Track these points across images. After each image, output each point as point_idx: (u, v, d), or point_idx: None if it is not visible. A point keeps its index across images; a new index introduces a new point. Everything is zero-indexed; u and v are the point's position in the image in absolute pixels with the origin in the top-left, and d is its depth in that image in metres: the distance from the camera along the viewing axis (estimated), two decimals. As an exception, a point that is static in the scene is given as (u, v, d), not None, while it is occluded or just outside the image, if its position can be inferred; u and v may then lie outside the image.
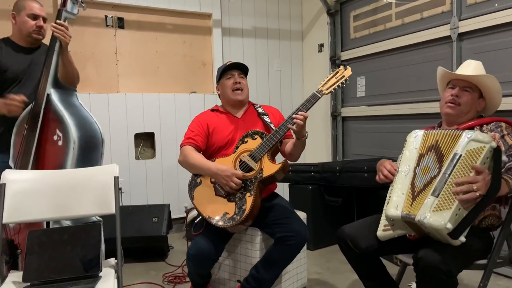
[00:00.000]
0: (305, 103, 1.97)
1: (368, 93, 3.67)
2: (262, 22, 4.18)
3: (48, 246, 1.63)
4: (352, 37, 3.82)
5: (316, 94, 1.99)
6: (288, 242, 1.95)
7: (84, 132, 2.03)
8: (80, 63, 3.39)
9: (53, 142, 2.01)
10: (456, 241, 1.41)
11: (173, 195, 3.66)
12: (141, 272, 2.80)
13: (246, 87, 2.22)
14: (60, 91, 2.10)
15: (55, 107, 2.03)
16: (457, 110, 1.70)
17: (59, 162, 1.98)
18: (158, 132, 3.66)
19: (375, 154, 3.55)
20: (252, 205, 1.92)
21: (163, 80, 3.75)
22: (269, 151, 1.99)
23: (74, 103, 2.14)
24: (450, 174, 1.43)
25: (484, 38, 2.68)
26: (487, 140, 1.42)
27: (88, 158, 2.02)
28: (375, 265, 1.77)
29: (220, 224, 1.96)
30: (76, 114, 2.06)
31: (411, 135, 1.68)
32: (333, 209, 3.19)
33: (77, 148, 1.96)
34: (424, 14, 3.09)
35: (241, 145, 2.06)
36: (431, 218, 1.40)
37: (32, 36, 2.18)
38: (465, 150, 1.43)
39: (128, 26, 3.57)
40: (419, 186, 1.51)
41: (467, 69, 1.73)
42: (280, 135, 1.99)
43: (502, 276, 2.52)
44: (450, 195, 1.40)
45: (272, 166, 1.97)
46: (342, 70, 2.04)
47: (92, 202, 1.75)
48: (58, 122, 2.01)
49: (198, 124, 2.17)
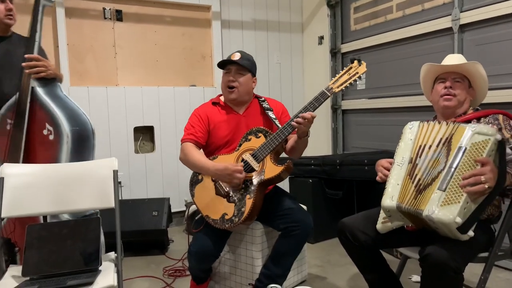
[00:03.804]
0: (313, 102, 1.86)
1: (369, 86, 3.65)
2: (261, 14, 4.15)
3: (48, 240, 1.62)
4: (353, 29, 3.78)
5: (326, 92, 1.87)
6: (293, 233, 1.93)
7: (75, 125, 1.96)
8: (78, 56, 3.38)
9: (43, 136, 1.94)
10: (465, 236, 1.39)
11: (173, 188, 3.65)
12: (141, 265, 2.80)
13: (243, 85, 2.06)
14: (44, 83, 2.00)
15: (41, 100, 1.95)
16: (455, 102, 1.70)
17: (53, 157, 1.93)
18: (158, 126, 3.65)
19: (376, 147, 3.54)
20: (251, 208, 1.89)
21: (162, 73, 3.73)
22: (273, 151, 1.91)
23: (59, 95, 2.05)
24: (456, 168, 1.40)
25: (486, 29, 2.66)
26: (491, 132, 1.40)
27: (82, 151, 1.97)
28: (375, 258, 1.76)
29: (218, 225, 1.94)
30: (64, 106, 1.99)
31: (406, 126, 1.67)
32: (334, 202, 3.19)
33: (71, 142, 1.91)
34: (425, 5, 3.06)
35: (244, 143, 2.00)
36: (440, 213, 1.37)
37: (4, 22, 2.01)
38: (470, 143, 1.41)
39: (126, 18, 3.54)
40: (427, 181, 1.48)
41: (452, 62, 1.74)
42: (284, 135, 1.89)
43: (502, 269, 2.52)
44: (458, 189, 1.37)
45: (274, 168, 1.90)
46: (356, 66, 1.91)
47: (92, 196, 1.74)
48: (46, 115, 1.94)
49: (199, 119, 2.09)
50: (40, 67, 1.95)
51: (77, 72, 3.39)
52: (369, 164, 2.85)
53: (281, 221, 1.96)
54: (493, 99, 2.54)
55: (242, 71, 2.08)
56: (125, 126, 3.51)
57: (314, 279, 2.51)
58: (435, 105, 1.80)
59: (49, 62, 2.03)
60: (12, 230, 1.89)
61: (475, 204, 1.39)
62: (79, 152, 1.96)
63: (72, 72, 3.35)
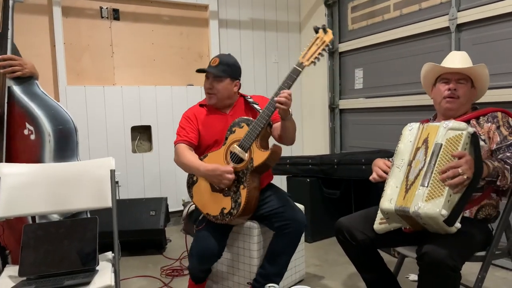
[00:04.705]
0: (286, 80, 1.88)
1: (366, 85, 3.65)
2: (259, 13, 4.14)
3: (45, 240, 1.62)
4: (350, 28, 3.79)
5: (297, 68, 1.87)
6: (286, 231, 1.96)
7: (57, 123, 1.92)
8: (75, 55, 3.37)
9: (24, 137, 1.89)
10: (453, 228, 1.41)
11: (171, 188, 3.65)
12: (138, 265, 2.79)
13: (221, 91, 2.06)
14: (20, 82, 1.94)
15: (19, 100, 1.90)
16: (457, 104, 1.70)
17: (36, 157, 1.88)
18: (155, 125, 3.64)
19: (373, 146, 3.54)
20: (247, 197, 1.90)
21: (160, 72, 3.72)
22: (257, 137, 1.92)
23: (37, 93, 1.99)
24: (435, 164, 1.45)
25: (483, 29, 2.66)
26: (463, 126, 1.45)
27: (64, 149, 1.94)
28: (372, 257, 1.77)
29: (219, 221, 1.96)
30: (43, 104, 1.94)
31: (406, 128, 1.66)
32: (331, 201, 3.19)
33: (53, 141, 1.88)
34: (422, 5, 3.06)
35: (229, 136, 2.02)
36: (425, 207, 1.40)
37: None
38: (445, 139, 1.46)
39: (123, 17, 3.53)
40: (411, 179, 1.51)
41: (455, 61, 1.73)
42: (265, 119, 1.90)
43: (499, 268, 2.53)
44: (439, 183, 1.41)
45: (261, 154, 1.91)
46: (322, 35, 1.85)
47: (89, 195, 1.74)
48: (25, 115, 1.89)
49: (188, 120, 2.13)
50: (15, 66, 1.91)
51: (74, 71, 3.38)
52: (366, 164, 2.85)
53: (274, 220, 1.99)
54: (491, 98, 2.53)
55: (219, 78, 2.07)
56: (122, 125, 3.50)
57: (311, 278, 2.51)
58: (437, 105, 1.79)
59: (24, 60, 1.96)
60: (1, 233, 1.86)
61: (458, 196, 1.42)
62: (62, 150, 1.92)
63: (69, 71, 3.34)
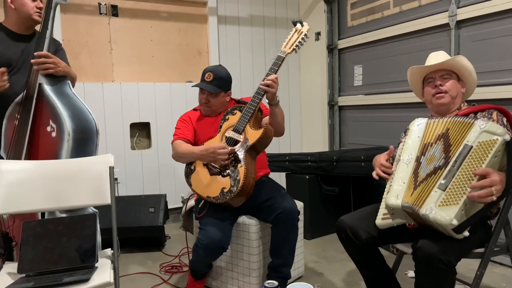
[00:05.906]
0: (272, 67, 2.06)
1: (365, 82, 3.65)
2: (258, 10, 4.13)
3: (44, 237, 1.62)
4: (350, 25, 3.78)
5: (280, 55, 2.08)
6: (280, 221, 2.02)
7: (79, 124, 1.98)
8: (74, 52, 3.35)
9: (47, 133, 1.96)
10: (460, 236, 1.38)
11: (170, 185, 3.65)
12: (138, 262, 2.79)
13: (215, 104, 2.20)
14: (52, 80, 2.02)
15: (47, 97, 1.97)
16: (448, 98, 1.71)
17: (53, 154, 1.94)
18: (154, 122, 3.63)
19: (372, 143, 3.55)
20: (245, 174, 1.96)
21: (159, 69, 3.71)
22: (250, 120, 2.04)
23: (67, 93, 2.07)
24: (459, 168, 1.36)
25: (483, 25, 2.66)
26: (500, 132, 1.32)
27: (83, 150, 1.98)
28: (373, 255, 1.76)
29: (220, 200, 1.99)
30: (69, 104, 2.01)
31: (413, 123, 1.65)
32: (330, 198, 3.19)
33: (72, 140, 1.91)
34: (422, 1, 3.05)
35: (223, 124, 2.13)
36: (437, 214, 1.35)
37: (32, 19, 2.07)
38: (477, 142, 1.35)
39: (122, 14, 3.52)
40: (422, 176, 1.47)
41: (433, 60, 1.75)
42: (256, 102, 2.04)
43: (498, 264, 2.54)
44: (458, 190, 1.34)
45: (256, 132, 2.02)
46: (299, 27, 2.12)
47: (88, 192, 1.73)
48: (51, 113, 1.96)
49: (183, 121, 2.25)
50: (49, 63, 1.97)
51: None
52: (365, 160, 2.85)
53: (267, 212, 2.05)
54: (490, 95, 2.54)
55: (215, 93, 2.19)
56: (121, 122, 3.49)
57: (310, 275, 2.51)
58: (429, 105, 1.80)
59: (59, 60, 2.04)
60: (11, 224, 1.89)
61: (474, 208, 1.35)
62: (80, 151, 1.96)
63: (67, 68, 3.32)
